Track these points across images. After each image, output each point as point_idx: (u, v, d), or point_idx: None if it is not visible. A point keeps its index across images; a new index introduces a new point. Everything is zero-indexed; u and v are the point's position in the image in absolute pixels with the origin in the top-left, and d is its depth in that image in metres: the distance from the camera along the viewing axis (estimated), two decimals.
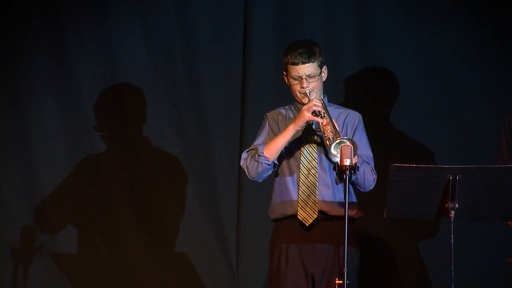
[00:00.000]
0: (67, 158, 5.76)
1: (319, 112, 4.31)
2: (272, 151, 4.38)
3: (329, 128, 4.26)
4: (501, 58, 5.51)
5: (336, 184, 4.42)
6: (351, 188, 4.37)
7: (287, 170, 4.46)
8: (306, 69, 4.38)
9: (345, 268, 4.05)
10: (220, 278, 5.67)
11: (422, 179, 4.14)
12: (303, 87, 4.40)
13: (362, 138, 4.45)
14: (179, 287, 5.72)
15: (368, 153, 4.43)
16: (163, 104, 5.76)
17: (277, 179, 4.52)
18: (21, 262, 5.67)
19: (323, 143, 4.36)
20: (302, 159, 4.42)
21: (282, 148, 4.39)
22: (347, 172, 4.05)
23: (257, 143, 4.50)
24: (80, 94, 5.76)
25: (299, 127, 4.36)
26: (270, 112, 4.59)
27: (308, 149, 4.44)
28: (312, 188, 4.39)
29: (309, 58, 4.38)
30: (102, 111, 5.72)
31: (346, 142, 4.08)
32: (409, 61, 5.58)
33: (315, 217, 4.37)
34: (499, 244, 5.36)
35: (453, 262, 4.11)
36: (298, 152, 4.44)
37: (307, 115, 4.30)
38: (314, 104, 4.30)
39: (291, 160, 4.46)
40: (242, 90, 5.72)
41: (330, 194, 4.40)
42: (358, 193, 4.50)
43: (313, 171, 4.40)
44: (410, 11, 5.58)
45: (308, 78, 4.40)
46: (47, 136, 5.76)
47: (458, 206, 4.12)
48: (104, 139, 5.74)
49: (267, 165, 4.40)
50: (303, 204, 4.39)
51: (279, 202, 4.49)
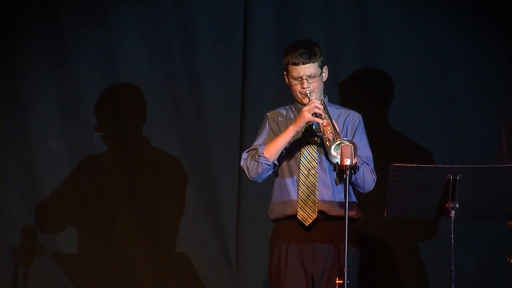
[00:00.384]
0: (67, 158, 5.76)
1: (319, 112, 4.31)
2: (272, 151, 4.38)
3: (329, 129, 4.26)
4: (501, 58, 5.51)
5: (336, 185, 4.42)
6: (350, 188, 4.36)
7: (287, 170, 4.46)
8: (306, 69, 4.38)
9: (345, 268, 4.05)
10: (220, 278, 5.67)
11: (422, 179, 4.13)
12: (304, 88, 4.39)
13: (362, 139, 4.44)
14: (179, 287, 5.71)
15: (368, 154, 4.43)
16: (163, 104, 5.76)
17: (277, 179, 4.51)
18: (21, 262, 5.67)
19: (323, 144, 4.35)
20: (302, 159, 4.42)
21: (282, 148, 4.39)
22: (347, 172, 4.05)
23: (257, 143, 4.49)
24: (80, 94, 5.75)
25: (299, 128, 4.36)
26: (270, 112, 4.59)
27: (308, 149, 4.43)
28: (312, 188, 4.39)
29: (309, 59, 4.38)
30: (102, 111, 5.72)
31: (346, 143, 4.08)
32: (409, 61, 5.58)
33: (315, 217, 4.37)
34: (499, 244, 5.36)
35: (453, 262, 4.10)
36: (298, 152, 4.44)
37: (307, 116, 4.29)
38: (315, 105, 4.30)
39: (291, 161, 4.45)
40: (242, 90, 5.71)
41: (330, 195, 4.40)
42: (358, 193, 4.50)
43: (313, 172, 4.40)
44: (410, 11, 5.58)
45: (308, 79, 4.39)
46: (47, 136, 5.76)
47: (458, 206, 4.12)
48: (104, 139, 5.73)
49: (267, 165, 4.40)
50: (302, 204, 4.39)
51: (278, 202, 4.48)
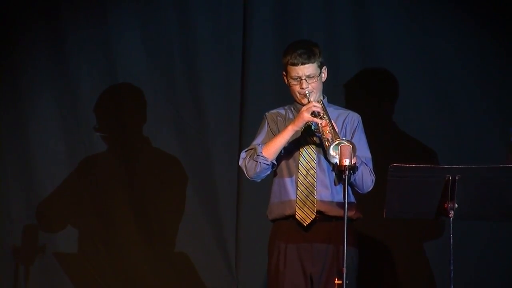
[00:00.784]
0: (67, 158, 5.76)
1: (318, 113, 4.30)
2: (271, 151, 4.37)
3: (328, 129, 4.25)
4: (501, 58, 5.51)
5: (334, 185, 4.41)
6: (349, 188, 4.35)
7: (286, 170, 4.45)
8: (305, 69, 4.36)
9: (344, 268, 4.05)
10: (219, 278, 5.67)
11: (422, 179, 4.13)
12: (303, 88, 4.38)
13: (361, 139, 4.44)
14: (178, 287, 5.71)
15: (367, 154, 4.42)
16: (163, 104, 5.76)
17: (275, 179, 4.51)
18: (21, 261, 5.67)
19: (322, 144, 4.35)
20: (301, 159, 4.41)
21: (281, 148, 4.38)
22: (346, 172, 4.04)
23: (256, 142, 4.49)
24: (80, 94, 5.75)
25: (298, 128, 4.35)
26: (270, 112, 4.58)
27: (307, 149, 4.42)
28: (311, 188, 4.38)
29: (308, 59, 4.36)
30: (101, 111, 5.72)
31: (345, 143, 4.07)
32: (409, 61, 5.58)
33: (313, 217, 4.36)
34: (499, 244, 5.36)
35: (452, 262, 4.10)
36: (297, 152, 4.43)
37: (306, 116, 4.29)
38: (313, 105, 4.29)
39: (289, 161, 4.45)
40: (241, 90, 5.71)
41: (329, 195, 4.39)
42: (357, 193, 4.49)
43: (311, 172, 4.40)
44: (409, 12, 5.58)
45: (307, 79, 4.38)
46: (47, 136, 5.76)
47: (457, 206, 4.11)
48: (104, 139, 5.73)
49: (266, 165, 4.39)
50: (301, 204, 4.38)
51: (277, 202, 4.48)
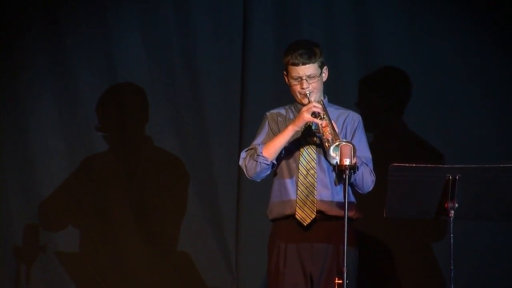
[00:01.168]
0: (67, 157, 5.76)
1: (319, 113, 4.30)
2: (271, 151, 4.37)
3: (328, 129, 4.25)
4: (501, 58, 5.51)
5: (335, 185, 4.41)
6: (349, 188, 4.34)
7: (286, 170, 4.45)
8: (306, 70, 4.36)
9: (345, 268, 4.05)
10: (219, 278, 5.67)
11: (422, 179, 4.13)
12: (303, 88, 4.38)
13: (362, 139, 4.43)
14: (178, 287, 5.71)
15: (367, 154, 4.42)
16: (163, 104, 5.76)
17: (275, 179, 4.50)
18: (22, 261, 5.67)
19: (323, 144, 4.35)
20: (301, 159, 4.41)
21: (281, 148, 4.38)
22: (347, 172, 4.04)
23: (256, 142, 4.49)
24: (80, 94, 5.76)
25: (299, 128, 4.34)
26: (270, 112, 4.58)
27: (307, 150, 4.42)
28: (311, 188, 4.38)
29: (309, 59, 4.36)
30: (101, 111, 5.72)
31: (345, 144, 4.07)
32: (409, 61, 5.58)
33: (313, 217, 4.36)
34: (499, 244, 5.36)
35: (453, 262, 4.10)
36: (297, 153, 4.43)
37: (306, 116, 4.28)
38: (314, 105, 4.29)
39: (290, 161, 4.45)
40: (241, 90, 5.71)
41: (329, 195, 4.39)
42: (357, 193, 4.49)
43: (312, 172, 4.39)
44: (410, 12, 5.58)
45: (308, 79, 4.37)
46: (47, 135, 5.76)
47: (457, 205, 4.11)
48: (104, 139, 5.73)
49: (266, 165, 4.39)
50: (301, 204, 4.38)
51: (277, 202, 4.47)
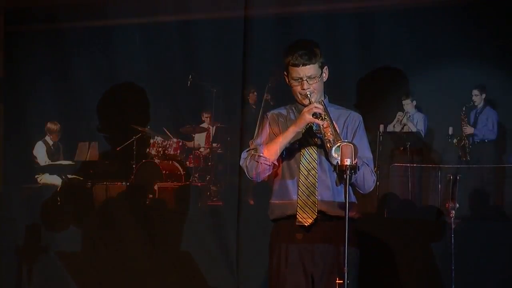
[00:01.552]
0: (67, 158, 5.77)
1: (320, 114, 4.30)
2: (272, 151, 4.37)
3: (329, 130, 4.24)
4: (501, 58, 5.51)
5: (336, 186, 4.41)
6: (350, 189, 4.34)
7: (287, 171, 4.45)
8: (306, 70, 4.35)
9: (345, 268, 4.05)
10: (221, 278, 5.68)
11: (422, 179, 4.14)
12: (304, 89, 4.37)
13: (362, 139, 4.42)
14: (179, 287, 5.72)
15: (368, 154, 4.41)
16: (163, 104, 5.77)
17: (277, 179, 4.49)
18: (24, 261, 5.68)
19: (324, 145, 4.35)
20: (303, 160, 4.40)
21: (282, 149, 4.38)
22: (348, 172, 4.04)
23: (257, 143, 4.48)
24: (80, 94, 5.77)
25: (300, 129, 4.34)
26: (271, 112, 4.56)
27: (309, 150, 4.41)
28: (312, 188, 4.38)
29: (309, 60, 4.35)
30: (102, 111, 5.73)
31: (347, 144, 4.07)
32: (409, 61, 5.59)
33: (314, 217, 4.35)
34: (499, 244, 5.37)
35: (453, 262, 4.11)
36: (298, 153, 4.42)
37: (308, 117, 4.28)
38: (315, 106, 4.29)
39: (291, 161, 4.44)
40: (242, 90, 5.72)
41: (330, 195, 4.38)
42: (358, 193, 4.49)
43: (313, 172, 4.39)
44: (410, 12, 5.58)
45: (308, 80, 4.37)
46: (47, 135, 5.77)
47: (458, 206, 4.12)
48: (104, 139, 5.74)
49: (266, 165, 4.38)
50: (302, 204, 4.38)
51: (278, 202, 4.47)
